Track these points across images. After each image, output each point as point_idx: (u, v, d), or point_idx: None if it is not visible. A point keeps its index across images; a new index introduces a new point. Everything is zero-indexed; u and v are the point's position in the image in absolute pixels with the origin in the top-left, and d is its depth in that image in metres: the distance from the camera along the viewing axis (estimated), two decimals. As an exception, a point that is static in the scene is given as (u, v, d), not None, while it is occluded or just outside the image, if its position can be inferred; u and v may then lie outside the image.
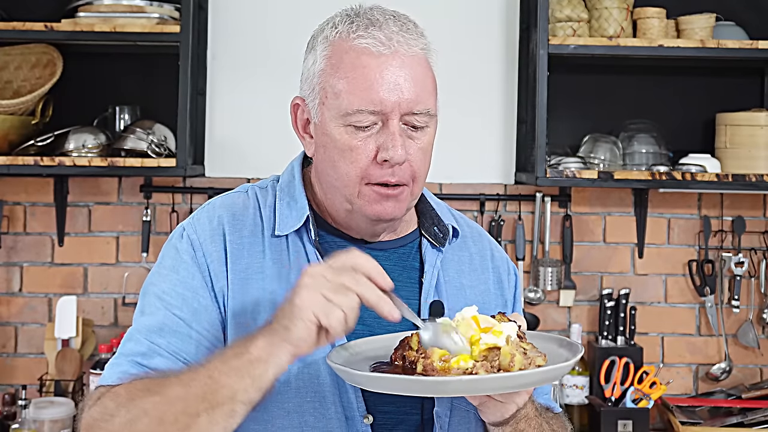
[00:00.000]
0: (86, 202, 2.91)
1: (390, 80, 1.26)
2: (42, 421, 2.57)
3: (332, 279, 1.11)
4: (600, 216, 2.97)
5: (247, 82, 2.92)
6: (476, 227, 1.52)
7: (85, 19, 2.64)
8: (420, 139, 1.30)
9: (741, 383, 2.94)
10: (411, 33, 1.30)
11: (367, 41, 1.27)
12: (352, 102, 1.27)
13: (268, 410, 1.27)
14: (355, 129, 1.28)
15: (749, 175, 2.66)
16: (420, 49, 1.30)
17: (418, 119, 1.28)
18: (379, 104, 1.26)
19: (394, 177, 1.28)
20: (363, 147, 1.28)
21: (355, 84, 1.27)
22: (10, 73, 2.72)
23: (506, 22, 2.94)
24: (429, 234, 1.41)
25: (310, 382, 1.28)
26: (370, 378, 1.13)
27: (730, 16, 2.84)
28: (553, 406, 1.47)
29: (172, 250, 1.35)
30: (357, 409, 1.28)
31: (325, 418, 1.28)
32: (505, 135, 2.95)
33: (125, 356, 1.29)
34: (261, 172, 2.86)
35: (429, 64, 1.32)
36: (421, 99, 1.28)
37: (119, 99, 2.86)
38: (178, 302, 1.30)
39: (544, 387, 1.50)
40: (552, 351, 1.21)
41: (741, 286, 2.94)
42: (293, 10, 2.91)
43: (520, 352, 1.14)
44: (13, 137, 2.62)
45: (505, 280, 1.48)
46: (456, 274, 1.42)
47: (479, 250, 1.47)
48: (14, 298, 2.90)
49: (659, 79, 2.95)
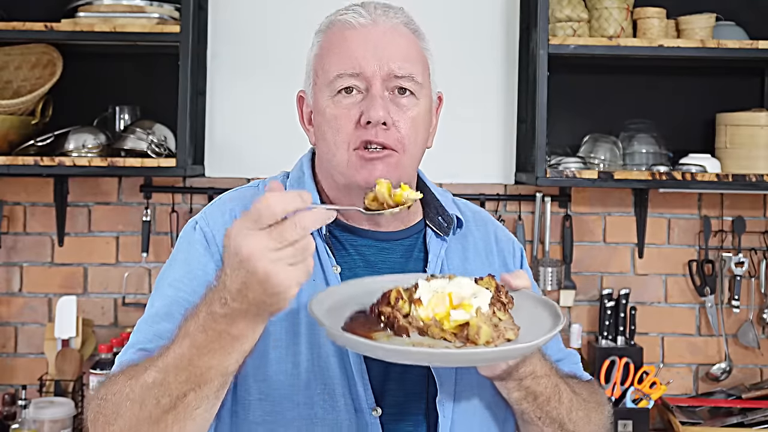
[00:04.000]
0: (86, 202, 2.91)
1: (369, 44, 1.32)
2: (42, 421, 2.57)
3: (283, 245, 1.03)
4: (600, 216, 2.97)
5: (247, 82, 2.92)
6: (479, 212, 1.55)
7: (85, 19, 2.64)
8: (409, 107, 1.33)
9: (741, 383, 2.94)
10: (393, 10, 1.36)
11: (349, 16, 1.34)
12: (333, 68, 1.32)
13: (278, 402, 1.28)
14: (340, 97, 1.32)
15: (749, 175, 2.66)
16: (401, 22, 1.36)
17: (402, 83, 1.32)
18: (358, 66, 1.31)
19: (378, 137, 1.30)
20: (347, 114, 1.32)
21: (337, 53, 1.33)
22: (10, 73, 2.72)
23: (506, 22, 2.94)
24: (433, 224, 1.43)
25: (320, 375, 1.28)
26: (336, 335, 1.14)
27: (730, 16, 2.84)
28: (580, 375, 1.47)
29: (185, 243, 1.36)
30: (366, 402, 1.28)
31: (335, 411, 1.28)
32: (505, 135, 2.95)
33: (131, 346, 1.29)
34: (261, 172, 2.86)
35: (415, 41, 1.37)
36: (402, 62, 1.32)
37: (119, 99, 2.85)
38: (188, 290, 1.29)
39: (572, 357, 1.50)
40: (542, 318, 1.21)
41: (741, 286, 2.94)
42: (293, 10, 2.91)
43: (488, 324, 1.14)
44: (13, 137, 2.62)
45: (510, 261, 1.50)
46: (461, 261, 1.43)
47: (483, 235, 1.49)
48: (14, 298, 2.90)
49: (659, 79, 2.95)
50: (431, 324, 1.16)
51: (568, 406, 1.34)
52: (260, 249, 1.02)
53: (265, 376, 1.29)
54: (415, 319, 1.17)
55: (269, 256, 1.02)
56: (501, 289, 1.23)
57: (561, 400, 1.33)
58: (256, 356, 1.23)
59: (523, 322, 1.19)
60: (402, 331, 1.16)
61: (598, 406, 1.43)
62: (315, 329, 1.30)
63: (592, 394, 1.43)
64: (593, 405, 1.42)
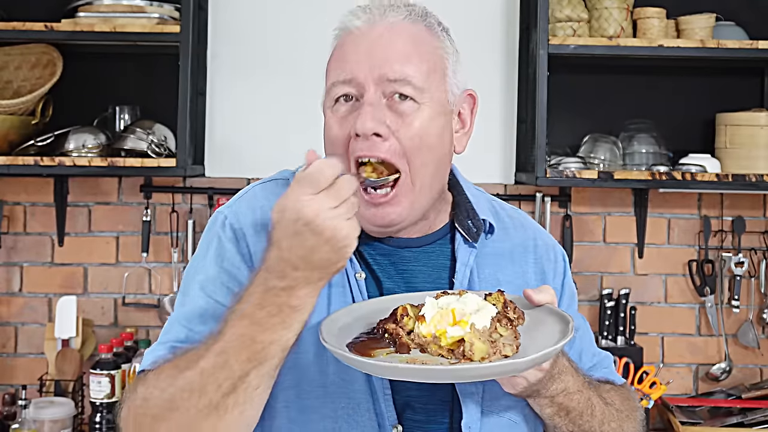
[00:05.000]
0: (86, 202, 2.91)
1: (362, 50, 1.25)
2: (42, 421, 2.57)
3: (339, 202, 1.09)
4: (600, 216, 2.97)
5: (247, 82, 2.92)
6: (521, 215, 1.47)
7: (85, 19, 2.64)
8: (410, 114, 1.25)
9: (741, 383, 2.94)
10: (399, 10, 1.28)
11: (346, 19, 1.29)
12: (330, 75, 1.28)
13: (305, 413, 1.27)
14: (339, 105, 1.27)
15: (749, 175, 2.66)
16: (404, 19, 1.28)
17: (397, 87, 1.24)
18: (350, 72, 1.24)
19: (371, 151, 1.23)
20: (340, 124, 1.26)
21: (333, 59, 1.29)
22: (10, 73, 2.72)
23: (506, 22, 2.94)
24: (462, 228, 1.36)
25: (345, 389, 1.27)
26: (335, 351, 1.15)
27: (730, 16, 2.84)
28: (613, 379, 1.45)
29: (215, 239, 1.32)
30: (387, 418, 1.27)
31: (359, 426, 1.26)
32: (505, 135, 2.95)
33: (163, 343, 1.27)
34: (261, 172, 2.85)
35: (424, 38, 1.29)
36: (398, 64, 1.24)
37: (119, 99, 2.86)
38: (222, 291, 1.28)
39: (604, 361, 1.46)
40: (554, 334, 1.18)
41: (741, 286, 2.94)
42: (293, 10, 2.91)
43: (484, 341, 1.12)
44: (13, 137, 2.62)
45: (550, 270, 1.42)
46: (492, 270, 1.36)
47: (522, 241, 1.42)
48: (14, 298, 2.90)
49: (659, 79, 2.95)
50: (431, 341, 1.16)
51: (600, 419, 1.33)
52: (323, 209, 1.07)
53: (291, 384, 1.28)
54: (418, 336, 1.17)
55: (330, 214, 1.07)
56: (509, 304, 1.20)
57: (593, 413, 1.31)
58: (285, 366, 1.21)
59: (541, 337, 1.17)
60: (403, 348, 1.17)
61: (631, 412, 1.42)
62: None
63: (624, 401, 1.41)
64: (626, 413, 1.40)
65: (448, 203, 1.40)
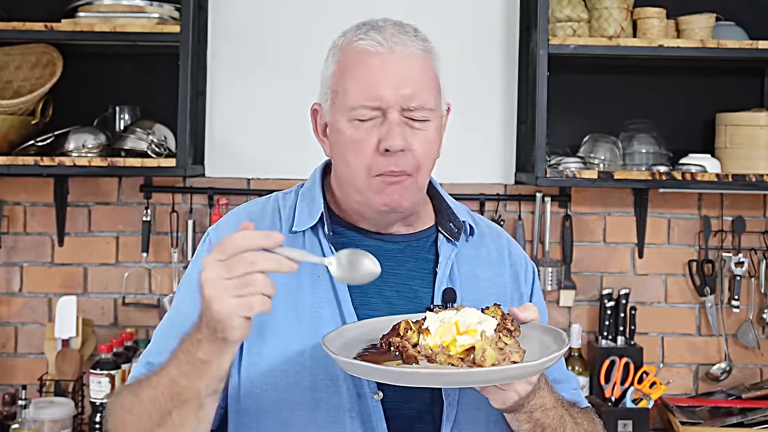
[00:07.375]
0: (86, 202, 2.91)
1: (388, 78, 1.37)
2: (42, 421, 2.57)
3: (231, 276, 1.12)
4: (600, 216, 2.97)
5: (247, 82, 2.92)
6: (496, 228, 1.61)
7: (85, 19, 2.64)
8: (423, 129, 1.39)
9: (741, 383, 2.94)
10: (408, 35, 1.40)
11: (367, 42, 1.39)
12: (354, 98, 1.38)
13: (284, 389, 1.35)
14: (358, 122, 1.38)
15: (749, 175, 2.66)
16: (417, 49, 1.40)
17: (415, 114, 1.38)
18: (378, 100, 1.36)
19: (398, 166, 1.37)
20: (366, 139, 1.37)
21: (357, 82, 1.38)
22: (10, 73, 2.72)
23: (506, 22, 2.94)
24: (445, 229, 1.49)
25: (323, 362, 1.34)
26: (345, 363, 1.19)
27: (730, 16, 2.84)
28: (579, 401, 1.51)
29: (198, 258, 1.42)
30: (367, 386, 1.34)
31: (338, 395, 1.34)
32: (505, 135, 2.95)
33: (143, 356, 1.42)
34: (260, 172, 2.87)
35: (429, 63, 1.42)
36: (417, 96, 1.37)
37: (119, 99, 2.85)
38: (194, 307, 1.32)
39: (571, 382, 1.55)
40: (548, 345, 1.24)
41: (741, 286, 2.94)
42: (293, 10, 2.91)
43: (494, 348, 1.17)
44: (13, 137, 2.62)
45: (522, 276, 1.54)
46: (471, 267, 1.48)
47: (497, 248, 1.55)
48: (14, 298, 2.90)
49: (659, 79, 2.95)
50: (439, 351, 1.20)
51: None
52: (212, 277, 1.12)
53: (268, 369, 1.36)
54: (424, 348, 1.21)
55: (216, 284, 1.12)
56: (506, 317, 1.26)
57: (566, 430, 1.37)
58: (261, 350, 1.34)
59: (531, 349, 1.22)
60: (411, 360, 1.21)
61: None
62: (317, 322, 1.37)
63: (590, 422, 1.47)
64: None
65: (429, 203, 1.53)
